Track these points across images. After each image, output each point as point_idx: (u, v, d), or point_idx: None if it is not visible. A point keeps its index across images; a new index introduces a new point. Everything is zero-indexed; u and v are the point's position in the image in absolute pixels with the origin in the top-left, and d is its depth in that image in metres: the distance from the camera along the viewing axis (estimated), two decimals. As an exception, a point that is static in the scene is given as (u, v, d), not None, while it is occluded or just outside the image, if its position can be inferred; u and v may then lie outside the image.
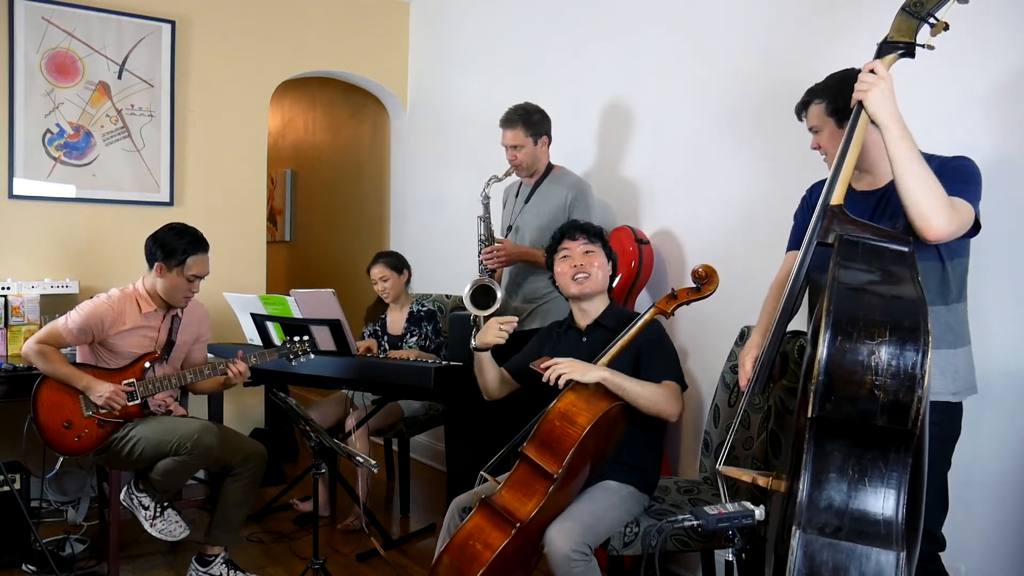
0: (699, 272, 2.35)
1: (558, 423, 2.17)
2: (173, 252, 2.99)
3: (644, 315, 2.39)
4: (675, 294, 2.40)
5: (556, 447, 2.15)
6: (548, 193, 3.33)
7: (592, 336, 2.56)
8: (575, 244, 2.56)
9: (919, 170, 1.77)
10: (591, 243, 2.56)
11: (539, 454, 2.16)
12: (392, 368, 3.32)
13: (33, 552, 3.17)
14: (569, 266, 2.54)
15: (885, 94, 1.78)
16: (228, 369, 2.99)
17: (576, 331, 2.61)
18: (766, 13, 2.93)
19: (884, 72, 1.78)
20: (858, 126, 1.82)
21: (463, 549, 2.15)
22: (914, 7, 1.79)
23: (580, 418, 2.16)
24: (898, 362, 1.44)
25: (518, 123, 3.29)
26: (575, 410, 2.18)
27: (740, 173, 3.02)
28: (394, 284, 3.86)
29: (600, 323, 2.56)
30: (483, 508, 2.19)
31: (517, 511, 2.14)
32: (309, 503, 3.86)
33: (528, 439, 2.20)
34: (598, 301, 2.59)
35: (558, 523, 2.18)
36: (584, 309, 2.58)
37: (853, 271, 1.59)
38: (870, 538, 1.45)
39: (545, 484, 2.15)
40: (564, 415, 2.18)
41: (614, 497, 2.33)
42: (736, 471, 1.94)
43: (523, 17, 4.13)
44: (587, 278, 2.52)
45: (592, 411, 2.18)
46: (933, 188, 1.77)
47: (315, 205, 6.62)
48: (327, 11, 4.79)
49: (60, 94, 3.98)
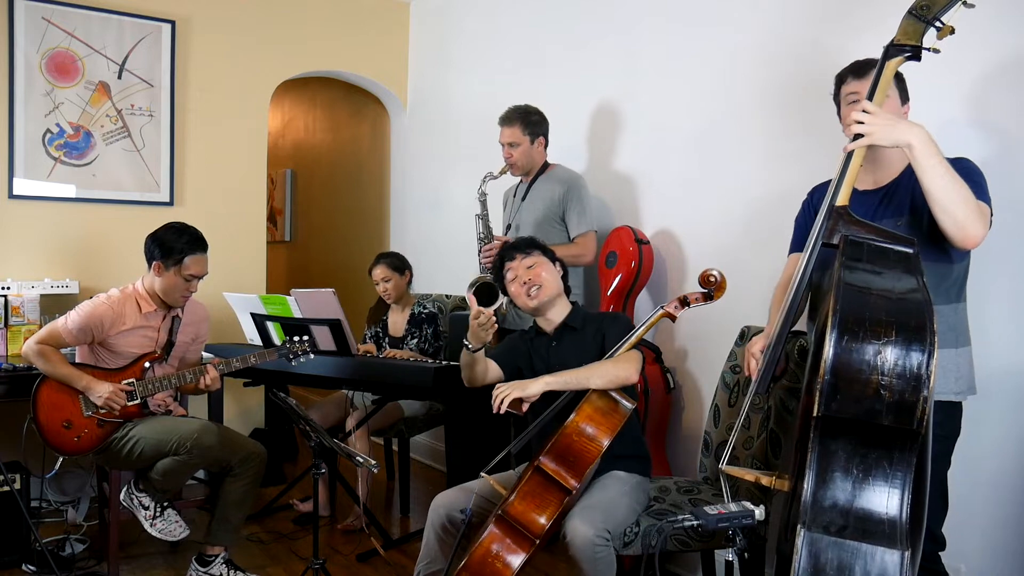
0: (714, 278, 2.33)
1: (576, 438, 2.17)
2: (171, 251, 2.98)
3: (650, 318, 2.40)
4: (687, 300, 2.38)
5: (575, 462, 2.16)
6: (542, 190, 3.37)
7: (562, 339, 2.58)
8: (515, 263, 2.59)
9: (951, 183, 1.77)
10: (529, 256, 2.59)
11: (557, 468, 2.16)
12: (392, 368, 3.32)
13: (33, 552, 3.16)
14: (519, 285, 2.57)
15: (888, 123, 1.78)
16: (201, 380, 2.97)
17: (545, 336, 2.62)
18: (767, 13, 2.93)
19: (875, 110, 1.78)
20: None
21: (483, 567, 2.13)
22: (921, 11, 1.79)
23: (600, 433, 2.18)
24: (904, 362, 1.44)
25: (516, 121, 3.35)
26: (594, 424, 2.19)
27: (741, 173, 3.02)
28: (396, 285, 3.86)
29: (568, 324, 2.58)
30: (499, 523, 2.17)
31: (532, 524, 2.14)
32: (309, 503, 3.85)
33: (544, 451, 2.19)
34: (559, 306, 2.60)
35: (578, 512, 2.20)
36: (548, 318, 2.61)
37: (859, 272, 1.59)
38: (875, 537, 1.46)
39: (560, 496, 2.17)
40: (583, 430, 2.18)
41: (625, 486, 2.37)
42: (739, 471, 1.95)
43: (523, 17, 4.13)
44: (539, 288, 2.55)
45: (611, 424, 2.20)
46: (966, 197, 1.78)
47: (315, 205, 6.62)
48: (327, 11, 4.79)
49: (60, 94, 3.97)
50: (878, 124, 1.77)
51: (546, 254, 2.63)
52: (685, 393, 3.23)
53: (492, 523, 2.17)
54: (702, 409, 3.11)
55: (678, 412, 3.25)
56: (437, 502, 2.44)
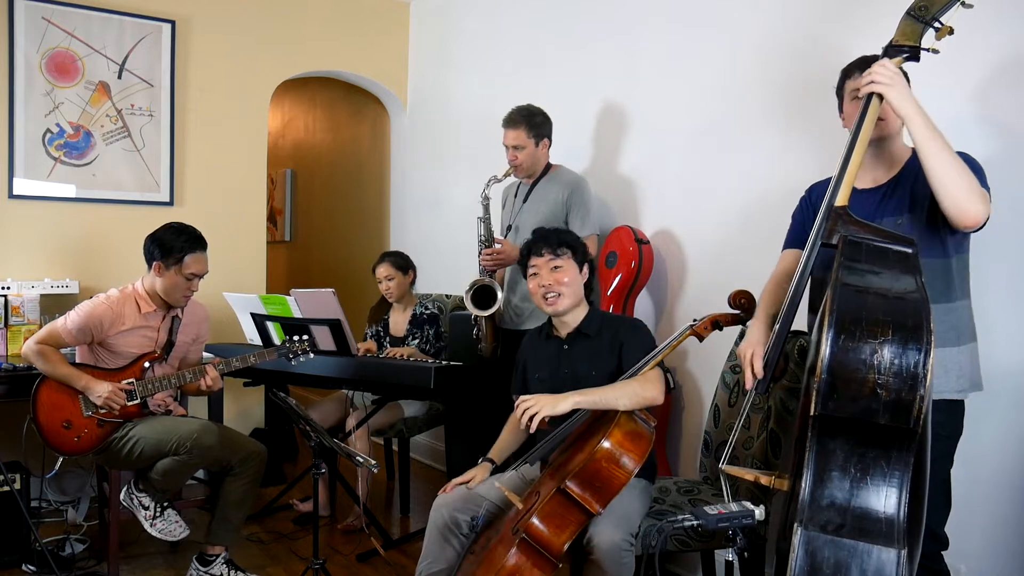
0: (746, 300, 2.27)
1: (606, 464, 2.14)
2: (171, 250, 2.98)
3: (677, 337, 2.32)
4: (719, 324, 2.30)
5: (603, 487, 2.14)
6: (545, 192, 3.34)
7: (574, 344, 2.54)
8: (542, 260, 2.51)
9: (950, 159, 1.78)
10: (557, 256, 2.50)
11: (583, 493, 2.14)
12: (392, 368, 3.31)
13: (33, 552, 3.17)
14: (537, 285, 2.51)
15: (906, 88, 1.80)
16: (202, 381, 2.96)
17: (557, 339, 2.58)
18: (766, 13, 2.93)
19: (896, 69, 1.80)
20: (863, 127, 1.82)
21: None
22: (919, 11, 1.80)
23: (629, 459, 2.16)
24: (901, 361, 1.45)
25: (521, 124, 3.28)
26: (624, 450, 2.16)
27: (741, 173, 3.02)
28: (399, 284, 3.86)
29: (581, 331, 2.53)
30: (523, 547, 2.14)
31: (552, 545, 2.14)
32: (309, 503, 3.86)
33: (571, 475, 2.14)
34: (577, 310, 2.55)
35: (602, 521, 2.18)
36: (563, 320, 2.56)
37: (857, 272, 1.59)
38: (872, 536, 1.46)
39: (582, 518, 2.16)
40: (614, 456, 2.15)
41: (634, 491, 2.36)
42: (739, 470, 1.95)
43: (523, 17, 4.13)
44: (557, 297, 2.48)
45: (640, 450, 2.17)
46: (965, 174, 1.79)
47: (315, 205, 6.62)
48: (327, 11, 4.79)
49: (60, 94, 3.97)
50: (898, 82, 1.79)
51: (576, 256, 2.54)
52: (685, 393, 3.23)
53: (516, 546, 2.13)
54: (702, 409, 3.11)
55: (678, 412, 3.25)
56: (439, 503, 2.43)
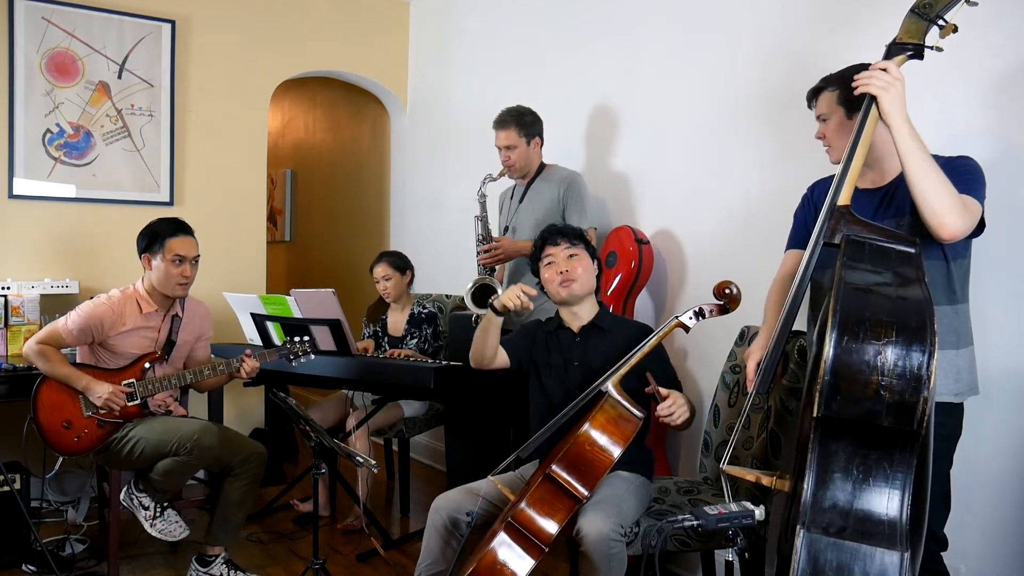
0: (731, 291, 2.29)
1: (589, 447, 2.17)
2: (155, 237, 3.00)
3: (664, 328, 2.35)
4: (703, 313, 2.33)
5: (587, 471, 2.17)
6: (541, 190, 3.36)
7: (588, 337, 2.56)
8: (558, 249, 2.57)
9: (931, 170, 1.78)
10: (573, 246, 2.57)
11: (568, 477, 2.17)
12: (392, 368, 3.31)
13: (33, 552, 3.16)
14: (555, 272, 2.55)
15: (901, 95, 1.79)
16: (242, 368, 2.99)
17: (569, 331, 2.60)
18: (766, 13, 2.93)
19: (898, 73, 1.79)
20: (866, 126, 1.82)
21: (491, 573, 2.13)
22: (923, 9, 1.79)
23: (613, 443, 2.18)
24: (904, 362, 1.44)
25: (511, 124, 3.31)
26: (607, 433, 2.19)
27: (741, 172, 3.02)
28: (396, 284, 3.86)
29: (596, 324, 2.57)
30: (509, 530, 2.16)
31: (541, 531, 2.15)
32: (309, 503, 3.85)
33: (555, 459, 2.18)
34: (588, 304, 2.60)
35: (591, 507, 2.20)
36: (575, 312, 2.59)
37: (860, 272, 1.59)
38: (874, 538, 1.45)
39: (571, 504, 2.17)
40: (596, 439, 2.18)
41: (630, 485, 2.38)
42: (740, 470, 1.95)
43: (523, 17, 4.13)
44: (574, 282, 2.53)
45: (623, 434, 2.20)
46: (946, 187, 1.78)
47: (315, 205, 6.62)
48: (327, 11, 4.79)
49: (60, 94, 3.97)
50: (893, 89, 1.77)
51: (588, 249, 2.61)
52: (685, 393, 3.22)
53: (502, 529, 2.16)
54: (702, 409, 3.10)
55: (678, 412, 3.25)
56: (438, 503, 2.43)
